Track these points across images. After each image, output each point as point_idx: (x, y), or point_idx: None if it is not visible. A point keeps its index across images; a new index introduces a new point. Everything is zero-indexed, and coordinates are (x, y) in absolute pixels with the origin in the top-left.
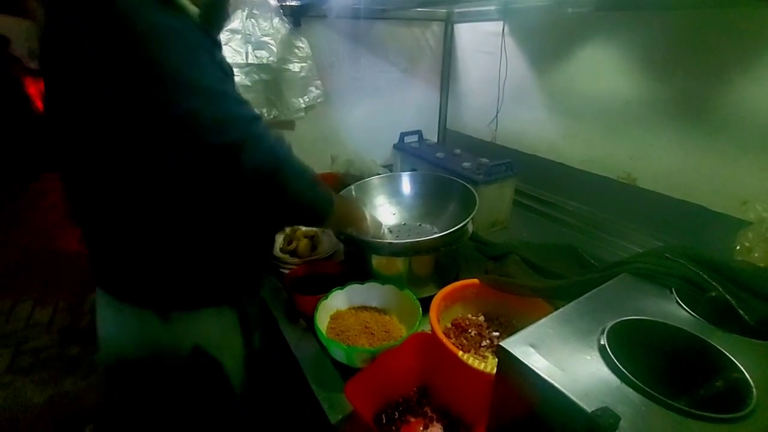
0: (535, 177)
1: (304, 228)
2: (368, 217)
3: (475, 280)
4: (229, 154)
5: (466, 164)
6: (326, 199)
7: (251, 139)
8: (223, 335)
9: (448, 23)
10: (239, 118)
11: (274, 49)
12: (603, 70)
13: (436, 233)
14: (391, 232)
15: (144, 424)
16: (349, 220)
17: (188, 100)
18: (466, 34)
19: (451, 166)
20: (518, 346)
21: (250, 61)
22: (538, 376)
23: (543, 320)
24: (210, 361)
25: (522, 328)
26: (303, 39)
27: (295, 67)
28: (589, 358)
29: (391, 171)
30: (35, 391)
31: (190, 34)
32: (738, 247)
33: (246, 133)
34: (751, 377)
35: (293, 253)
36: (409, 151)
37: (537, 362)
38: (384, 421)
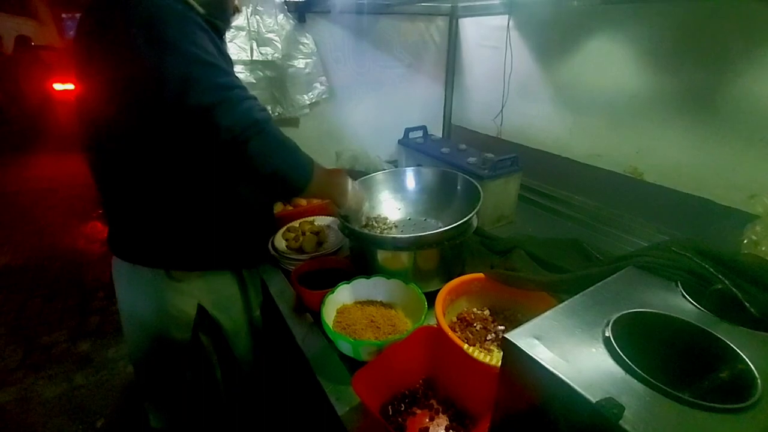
0: (540, 172)
1: (309, 224)
2: (351, 190)
3: (481, 275)
4: (205, 115)
5: (471, 159)
6: (304, 164)
7: (227, 101)
8: (222, 297)
9: (453, 17)
10: (219, 84)
11: (279, 46)
12: (610, 63)
13: (441, 228)
14: (396, 227)
15: (159, 384)
16: (330, 190)
17: (180, 67)
18: (470, 28)
19: (456, 161)
20: (523, 338)
21: (254, 57)
22: (543, 367)
23: (548, 313)
24: (211, 320)
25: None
26: (308, 35)
27: (299, 63)
28: (593, 350)
29: (395, 167)
30: (47, 386)
31: (190, 16)
32: (745, 241)
33: (221, 96)
34: (756, 368)
35: (300, 250)
36: (414, 147)
37: (542, 354)
38: (390, 413)
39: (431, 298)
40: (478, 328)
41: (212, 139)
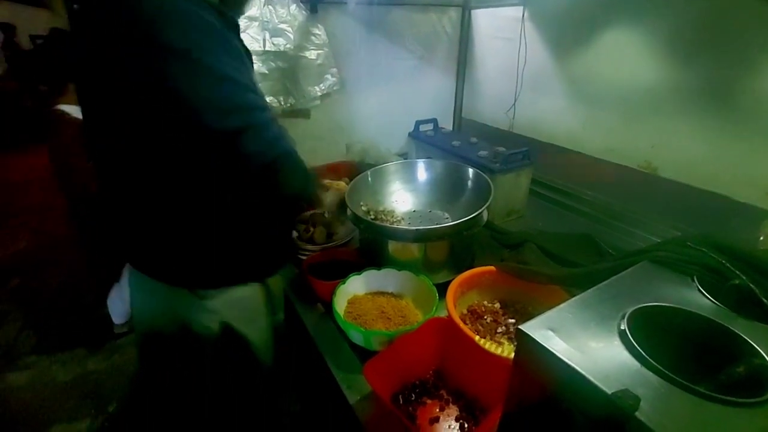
0: (552, 166)
1: (319, 216)
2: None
3: (492, 267)
4: (231, 140)
5: (482, 153)
6: (314, 190)
7: (254, 127)
8: (250, 312)
9: (466, 9)
10: (244, 106)
11: (291, 36)
12: (626, 55)
13: (448, 219)
14: (404, 219)
15: (174, 397)
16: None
17: (194, 82)
18: (484, 19)
19: (467, 155)
20: (538, 330)
21: (267, 48)
22: (558, 358)
23: (562, 305)
24: (237, 337)
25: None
26: (319, 26)
27: (311, 54)
28: (609, 342)
29: (406, 159)
30: (60, 370)
31: (200, 16)
32: (761, 237)
33: (249, 121)
34: None
35: (310, 240)
36: (425, 140)
37: (556, 345)
38: (401, 402)
39: (440, 289)
40: (488, 320)
41: (240, 165)
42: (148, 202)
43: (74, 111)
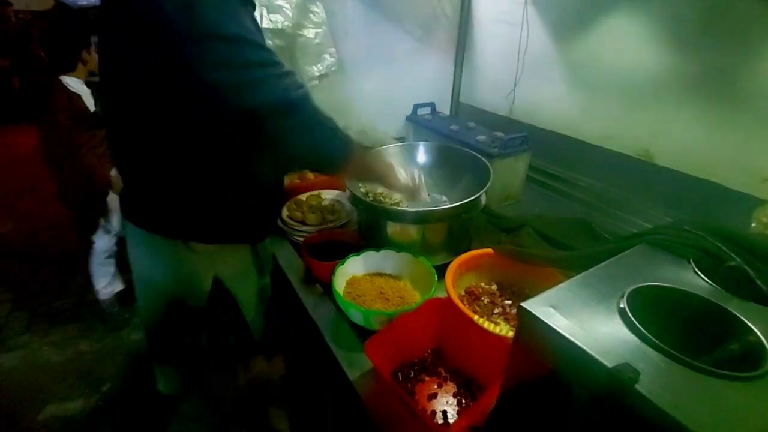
0: (550, 152)
1: (315, 198)
2: (396, 167)
3: (490, 250)
4: (228, 93)
5: (480, 137)
6: (341, 147)
7: (256, 80)
8: (238, 270)
9: None
10: (257, 61)
11: (289, 14)
12: (627, 42)
13: (446, 202)
14: (402, 201)
15: (173, 348)
16: (372, 172)
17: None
18: (485, 2)
19: (465, 139)
20: (539, 307)
21: (264, 25)
22: (560, 334)
23: (563, 284)
24: (227, 292)
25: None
26: (318, 3)
27: (309, 33)
28: (609, 320)
29: (403, 143)
30: (52, 352)
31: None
32: (754, 224)
33: (250, 75)
34: (766, 341)
35: (302, 222)
36: (423, 123)
37: (558, 322)
38: (400, 380)
39: (437, 271)
40: (485, 301)
41: (241, 118)
42: (145, 154)
43: (73, 83)
